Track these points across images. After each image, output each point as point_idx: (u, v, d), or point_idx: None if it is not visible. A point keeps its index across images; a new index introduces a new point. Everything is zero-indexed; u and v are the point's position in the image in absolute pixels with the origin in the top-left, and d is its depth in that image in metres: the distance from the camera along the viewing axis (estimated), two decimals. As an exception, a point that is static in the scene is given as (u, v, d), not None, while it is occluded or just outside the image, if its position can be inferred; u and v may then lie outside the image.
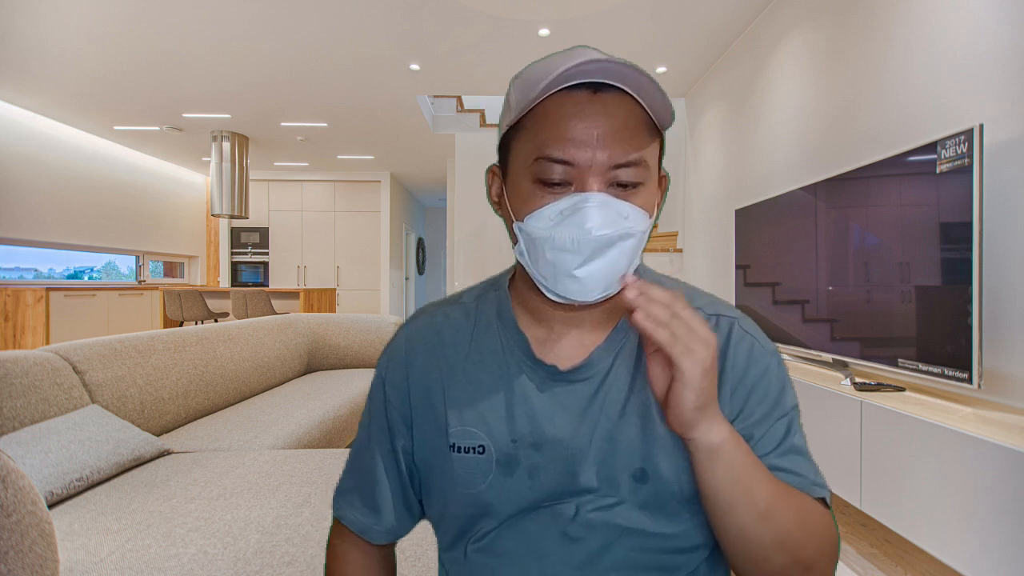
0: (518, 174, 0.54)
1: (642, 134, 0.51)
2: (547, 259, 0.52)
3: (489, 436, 0.56)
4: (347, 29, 3.82)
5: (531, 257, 0.54)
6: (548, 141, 0.50)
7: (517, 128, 0.54)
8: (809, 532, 0.51)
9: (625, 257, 0.52)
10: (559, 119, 0.50)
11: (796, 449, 0.55)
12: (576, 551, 0.53)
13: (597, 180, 0.50)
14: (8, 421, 1.49)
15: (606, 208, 0.50)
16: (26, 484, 0.74)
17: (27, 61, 4.35)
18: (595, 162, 0.50)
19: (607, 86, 0.50)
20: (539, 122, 0.51)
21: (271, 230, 8.67)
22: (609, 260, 0.51)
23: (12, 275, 6.01)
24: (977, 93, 1.86)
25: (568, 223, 0.50)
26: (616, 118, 0.50)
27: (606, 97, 0.50)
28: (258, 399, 2.62)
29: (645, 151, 0.51)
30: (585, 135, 0.49)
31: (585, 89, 0.50)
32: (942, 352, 1.72)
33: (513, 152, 0.55)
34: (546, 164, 0.50)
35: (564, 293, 0.52)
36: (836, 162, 2.61)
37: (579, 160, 0.50)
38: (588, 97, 0.50)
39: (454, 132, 6.66)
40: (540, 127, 0.51)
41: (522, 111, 0.52)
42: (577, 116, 0.50)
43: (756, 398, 0.56)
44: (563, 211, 0.50)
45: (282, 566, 1.10)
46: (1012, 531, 1.34)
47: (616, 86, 0.50)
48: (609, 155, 0.50)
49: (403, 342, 0.63)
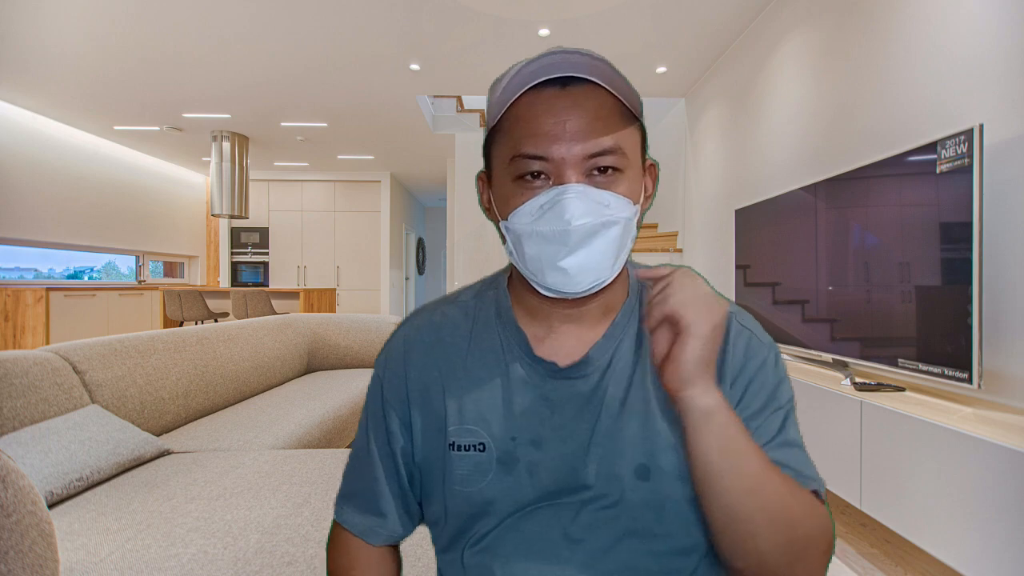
0: (500, 176, 0.55)
1: (615, 121, 0.52)
2: (532, 254, 0.53)
3: (489, 434, 0.56)
4: (347, 29, 3.82)
5: (518, 253, 0.55)
6: (522, 139, 0.51)
7: (495, 132, 0.55)
8: (795, 514, 0.49)
9: (612, 245, 0.52)
10: (530, 117, 0.51)
11: (791, 442, 0.55)
12: (577, 552, 0.53)
13: (574, 172, 0.51)
14: (8, 421, 1.49)
15: (584, 198, 0.50)
16: (26, 484, 0.73)
17: (27, 61, 4.35)
18: (569, 154, 0.50)
19: (575, 79, 0.51)
20: (512, 123, 0.53)
21: (271, 230, 8.67)
22: (595, 250, 0.51)
23: (12, 275, 6.01)
24: (977, 93, 1.86)
25: (548, 216, 0.51)
26: (586, 109, 0.51)
27: (574, 90, 0.51)
28: (258, 399, 2.62)
29: (619, 137, 0.52)
30: (557, 129, 0.50)
31: (553, 85, 0.51)
32: (942, 352, 1.72)
33: (494, 155, 0.56)
34: (522, 161, 0.52)
35: (553, 285, 0.53)
36: (836, 162, 2.61)
37: (553, 154, 0.51)
38: (556, 92, 0.51)
39: (454, 132, 6.66)
40: (513, 127, 0.53)
41: (496, 115, 0.53)
42: (547, 111, 0.51)
43: (753, 390, 0.56)
44: (543, 205, 0.51)
45: (282, 566, 1.10)
46: (1012, 531, 1.34)
47: (584, 78, 0.51)
48: (583, 146, 0.51)
49: (401, 342, 0.63)
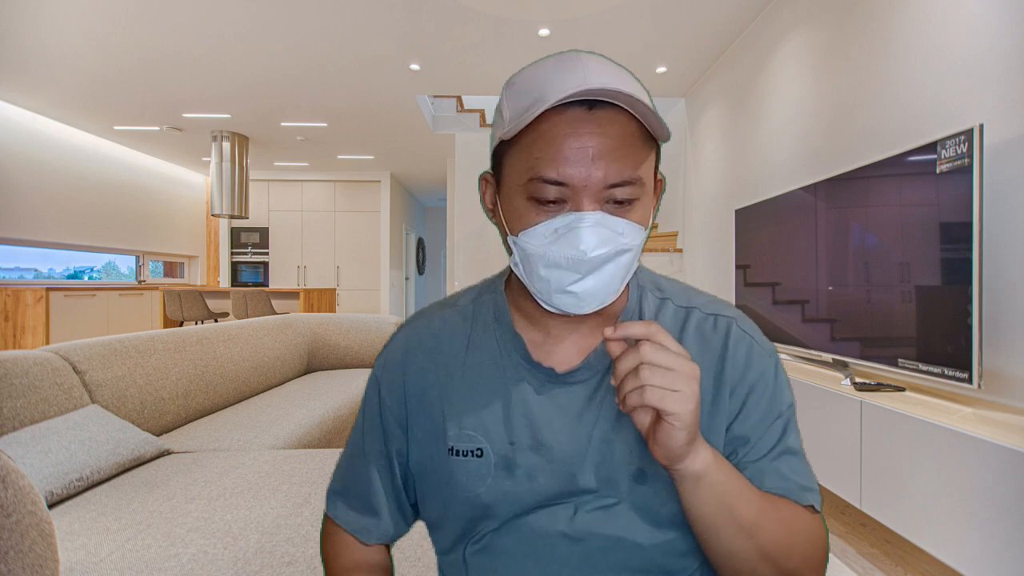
0: (512, 189, 0.53)
1: (638, 150, 0.50)
2: (541, 275, 0.52)
3: (487, 439, 0.56)
4: (347, 29, 3.82)
5: (526, 271, 0.53)
6: (543, 160, 0.49)
7: (510, 141, 0.52)
8: (795, 542, 0.51)
9: (621, 271, 0.52)
10: (553, 137, 0.49)
11: (791, 450, 0.55)
12: (575, 552, 0.53)
13: (591, 199, 0.49)
14: (8, 421, 1.49)
15: (601, 227, 0.49)
16: (26, 484, 0.73)
17: (27, 61, 4.35)
18: (590, 181, 0.49)
19: (602, 102, 0.49)
20: (532, 139, 0.50)
21: (271, 230, 8.67)
22: (605, 275, 0.51)
23: (12, 275, 6.01)
24: (977, 93, 1.86)
25: (563, 242, 0.49)
26: (611, 136, 0.49)
27: (601, 114, 0.49)
28: (258, 399, 2.62)
29: (641, 168, 0.50)
30: (580, 155, 0.48)
31: (580, 105, 0.49)
32: (942, 352, 1.72)
33: (507, 166, 0.53)
34: (540, 185, 0.50)
35: (560, 306, 0.52)
36: (836, 162, 2.61)
37: (574, 180, 0.49)
38: (583, 115, 0.49)
39: (454, 132, 6.66)
40: (534, 144, 0.50)
41: (516, 127, 0.50)
42: (572, 135, 0.48)
43: (754, 399, 0.55)
44: (557, 230, 0.50)
45: (282, 566, 1.10)
46: (1012, 531, 1.34)
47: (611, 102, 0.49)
48: (604, 174, 0.49)
49: (400, 345, 0.63)
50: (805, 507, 0.54)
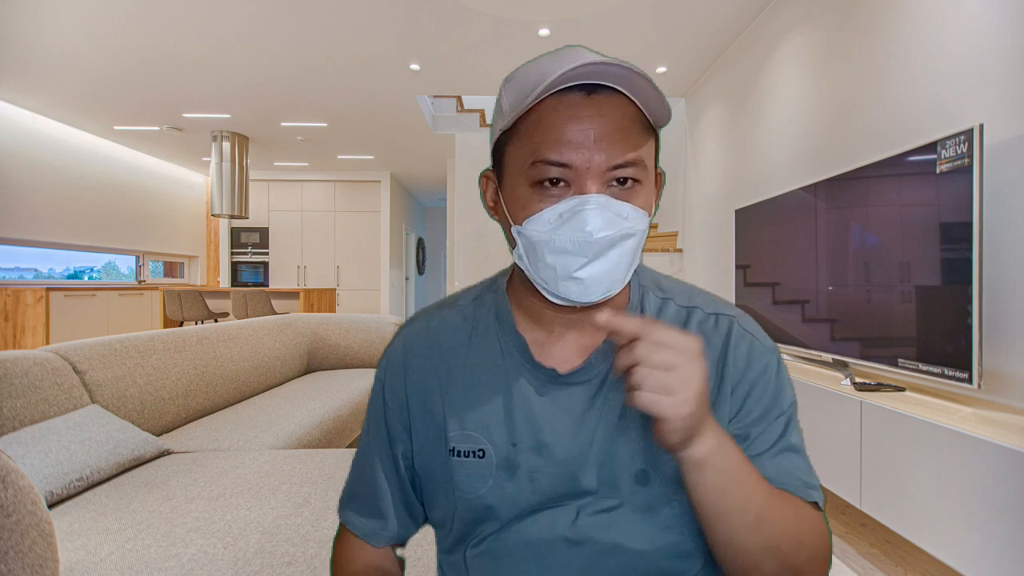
0: (514, 178, 0.53)
1: (638, 133, 0.51)
2: (547, 262, 0.51)
3: (489, 440, 0.56)
4: (347, 29, 3.82)
5: (531, 260, 0.53)
6: (544, 144, 0.50)
7: (511, 132, 0.53)
8: (800, 538, 0.51)
9: (626, 257, 0.52)
10: (554, 122, 0.50)
11: (792, 448, 0.55)
12: (577, 555, 0.53)
13: (595, 182, 0.50)
14: (8, 421, 1.49)
15: (605, 210, 0.49)
16: (26, 484, 0.73)
17: (27, 61, 4.35)
18: (592, 164, 0.49)
19: (601, 87, 0.50)
20: (534, 126, 0.51)
21: (271, 230, 8.67)
22: (610, 261, 0.51)
23: (12, 275, 6.01)
24: (977, 93, 1.86)
25: (568, 226, 0.50)
26: (611, 119, 0.49)
27: (600, 98, 0.50)
28: (258, 399, 2.62)
29: (642, 150, 0.51)
30: (581, 137, 0.49)
31: (579, 91, 0.50)
32: (942, 352, 1.72)
33: (508, 157, 0.54)
34: (543, 167, 0.50)
35: (566, 295, 0.52)
36: (836, 162, 2.61)
37: (576, 162, 0.49)
38: (582, 99, 0.50)
39: (454, 132, 6.66)
40: (535, 130, 0.51)
41: (516, 115, 0.51)
42: (572, 118, 0.49)
43: (755, 397, 0.55)
44: (562, 214, 0.50)
45: (282, 566, 1.10)
46: (1012, 531, 1.34)
47: (610, 86, 0.50)
48: (606, 156, 0.49)
49: (400, 347, 0.63)
50: (808, 504, 0.54)
